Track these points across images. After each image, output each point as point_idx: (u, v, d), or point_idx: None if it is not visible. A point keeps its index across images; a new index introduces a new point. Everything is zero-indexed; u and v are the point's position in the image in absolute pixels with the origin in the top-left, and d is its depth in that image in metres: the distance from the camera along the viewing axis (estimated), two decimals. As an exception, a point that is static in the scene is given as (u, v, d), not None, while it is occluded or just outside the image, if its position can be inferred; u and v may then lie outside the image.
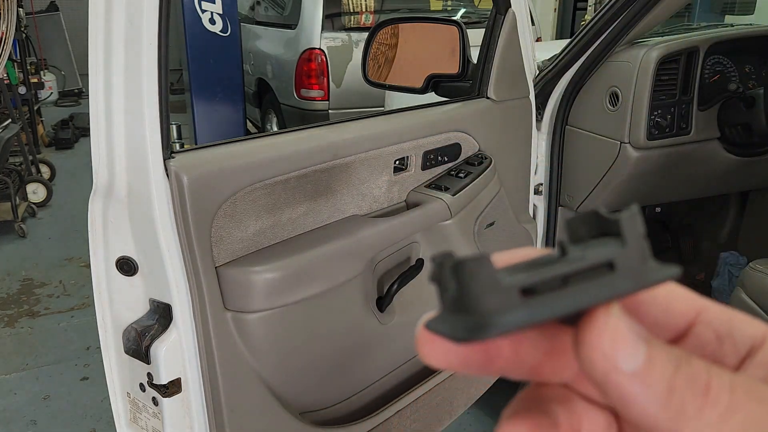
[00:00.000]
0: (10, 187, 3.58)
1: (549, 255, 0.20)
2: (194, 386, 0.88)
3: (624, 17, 1.38)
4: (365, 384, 1.10)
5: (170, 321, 0.85)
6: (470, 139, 1.25)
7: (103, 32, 0.77)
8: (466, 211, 1.20)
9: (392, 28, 1.44)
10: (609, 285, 0.19)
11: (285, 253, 0.93)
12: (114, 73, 0.78)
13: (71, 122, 5.82)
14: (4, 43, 3.56)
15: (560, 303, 0.18)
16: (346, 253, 1.00)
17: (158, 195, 0.80)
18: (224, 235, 0.88)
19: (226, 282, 0.88)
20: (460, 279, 0.18)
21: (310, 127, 1.02)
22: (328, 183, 1.01)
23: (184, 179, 0.81)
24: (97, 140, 0.80)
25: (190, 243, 0.83)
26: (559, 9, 7.46)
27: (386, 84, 1.46)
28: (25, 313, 2.79)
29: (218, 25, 4.09)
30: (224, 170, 0.86)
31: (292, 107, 4.22)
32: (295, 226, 0.98)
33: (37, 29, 7.04)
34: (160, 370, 0.85)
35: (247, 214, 0.90)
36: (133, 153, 0.79)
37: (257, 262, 0.90)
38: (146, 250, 0.83)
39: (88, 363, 2.39)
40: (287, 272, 0.91)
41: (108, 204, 0.82)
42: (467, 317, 0.18)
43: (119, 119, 0.79)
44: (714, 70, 1.63)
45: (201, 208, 0.83)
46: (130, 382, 0.91)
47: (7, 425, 2.05)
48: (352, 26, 4.12)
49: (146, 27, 0.76)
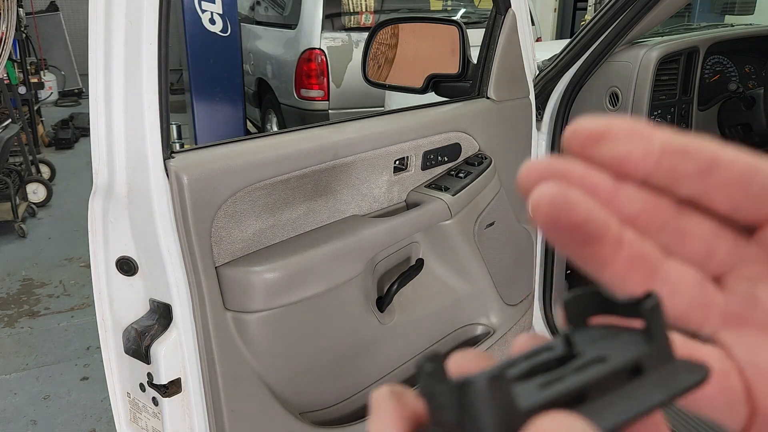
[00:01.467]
0: (10, 187, 3.58)
1: (553, 350, 0.17)
2: (194, 386, 0.88)
3: (624, 17, 1.38)
4: (365, 384, 1.10)
5: (170, 321, 0.85)
6: (470, 139, 1.25)
7: (103, 32, 0.77)
8: (466, 211, 1.20)
9: (392, 28, 1.44)
10: (639, 396, 0.16)
11: (285, 253, 0.93)
12: (114, 74, 0.78)
13: (71, 122, 5.82)
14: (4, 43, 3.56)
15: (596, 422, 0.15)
16: (346, 253, 1.00)
17: (158, 195, 0.80)
18: (224, 235, 0.88)
19: (226, 282, 0.88)
20: (464, 403, 0.15)
21: (310, 127, 1.02)
22: (328, 183, 1.01)
23: (184, 179, 0.81)
24: (97, 140, 0.80)
25: (190, 243, 0.83)
26: (559, 9, 7.46)
27: (386, 84, 1.46)
28: (25, 313, 2.79)
29: (218, 25, 4.09)
30: (224, 170, 0.86)
31: (292, 107, 4.22)
32: (295, 226, 0.98)
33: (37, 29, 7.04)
34: (160, 370, 0.85)
35: (247, 214, 0.90)
36: (133, 153, 0.79)
37: (257, 262, 0.90)
38: (146, 250, 0.83)
39: (88, 363, 2.39)
40: (287, 272, 0.91)
41: (108, 204, 0.82)
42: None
43: (119, 119, 0.79)
44: (714, 70, 1.63)
45: (201, 208, 0.83)
46: (130, 382, 0.91)
47: (7, 425, 2.05)
48: (352, 26, 4.12)
49: (146, 27, 0.76)
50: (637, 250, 0.20)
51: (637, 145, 0.20)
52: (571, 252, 0.19)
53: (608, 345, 0.17)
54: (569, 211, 0.18)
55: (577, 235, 0.19)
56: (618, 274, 0.19)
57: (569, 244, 0.19)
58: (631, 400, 0.16)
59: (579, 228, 0.18)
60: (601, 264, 0.19)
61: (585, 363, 0.17)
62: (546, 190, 0.18)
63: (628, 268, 0.19)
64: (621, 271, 0.19)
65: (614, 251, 0.19)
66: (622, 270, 0.19)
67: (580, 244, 0.19)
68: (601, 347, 0.17)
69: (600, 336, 0.18)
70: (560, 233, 0.19)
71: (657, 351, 0.17)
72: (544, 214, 0.18)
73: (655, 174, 0.20)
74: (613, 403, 0.16)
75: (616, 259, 0.19)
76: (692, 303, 0.20)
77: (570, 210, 0.18)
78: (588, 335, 0.18)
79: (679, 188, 0.20)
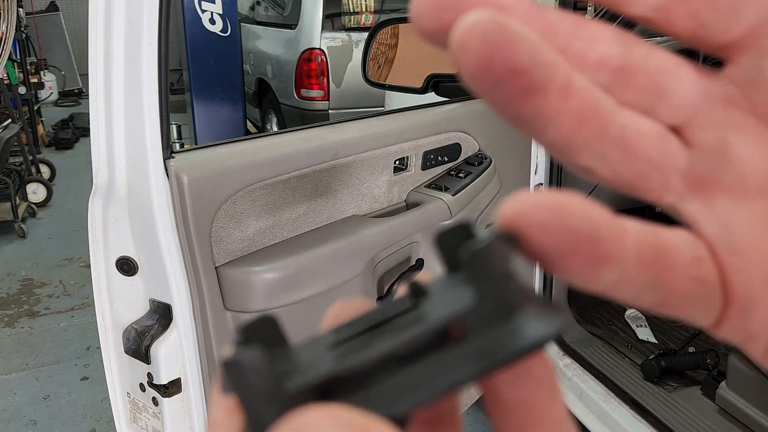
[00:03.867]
0: (10, 187, 3.58)
1: (401, 303, 0.14)
2: (194, 386, 0.88)
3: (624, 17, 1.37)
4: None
5: (170, 321, 0.85)
6: (470, 139, 1.25)
7: (103, 32, 0.77)
8: (466, 211, 1.20)
9: (392, 28, 1.44)
10: (437, 371, 0.13)
11: (285, 253, 0.93)
12: (114, 73, 0.78)
13: (71, 122, 5.82)
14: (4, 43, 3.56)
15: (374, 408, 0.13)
16: (346, 253, 0.99)
17: (158, 195, 0.80)
18: (224, 235, 0.88)
19: (226, 282, 0.88)
20: (238, 386, 0.13)
21: (310, 127, 1.02)
22: (328, 183, 1.01)
23: (184, 179, 0.81)
24: (97, 140, 0.80)
25: (190, 243, 0.83)
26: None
27: (386, 84, 1.46)
28: (25, 313, 2.79)
29: (218, 25, 4.09)
30: (224, 170, 0.86)
31: (292, 107, 4.22)
32: (296, 226, 0.98)
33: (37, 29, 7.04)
34: (160, 370, 0.85)
35: (247, 214, 0.90)
36: (133, 153, 0.79)
37: (257, 262, 0.90)
38: (146, 250, 0.83)
39: (88, 363, 2.39)
40: (287, 272, 0.91)
41: (108, 204, 0.82)
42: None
43: (119, 119, 0.79)
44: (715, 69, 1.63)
45: (201, 208, 0.83)
46: (130, 382, 0.91)
47: (7, 425, 2.05)
48: (352, 26, 4.12)
49: (146, 27, 0.76)
50: (589, 99, 0.15)
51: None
52: (504, 107, 0.15)
53: (450, 298, 0.14)
54: (509, 50, 0.14)
55: (517, 84, 0.14)
56: (564, 133, 0.15)
57: (503, 97, 0.14)
58: (431, 375, 0.13)
59: (521, 73, 0.14)
60: (543, 122, 0.15)
61: (403, 324, 0.14)
62: (476, 19, 0.14)
63: (577, 125, 0.15)
64: (568, 129, 0.15)
65: (562, 102, 0.15)
66: (569, 127, 0.15)
67: (519, 96, 0.14)
68: (444, 301, 0.14)
69: (464, 282, 0.14)
70: (494, 81, 0.14)
71: (483, 309, 0.13)
72: (473, 55, 0.14)
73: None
74: (405, 381, 0.13)
75: (563, 113, 0.15)
76: (651, 164, 0.16)
77: (510, 48, 0.14)
78: (454, 281, 0.14)
79: (628, 2, 0.16)
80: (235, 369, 0.13)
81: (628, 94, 0.16)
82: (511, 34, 0.14)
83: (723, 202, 0.16)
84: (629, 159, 0.16)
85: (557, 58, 0.15)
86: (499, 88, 0.14)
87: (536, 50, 0.14)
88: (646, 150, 0.16)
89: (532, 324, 0.13)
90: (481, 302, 0.13)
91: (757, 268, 0.15)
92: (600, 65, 0.16)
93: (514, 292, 0.14)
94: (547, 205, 0.14)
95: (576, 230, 0.14)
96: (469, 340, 0.13)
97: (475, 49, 0.14)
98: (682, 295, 0.15)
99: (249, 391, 0.13)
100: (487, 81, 0.14)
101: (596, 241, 0.14)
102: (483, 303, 0.13)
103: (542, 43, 0.14)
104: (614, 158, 0.16)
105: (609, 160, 0.16)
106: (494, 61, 0.14)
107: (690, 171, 0.16)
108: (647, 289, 0.15)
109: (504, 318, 0.13)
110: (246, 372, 0.13)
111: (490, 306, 0.13)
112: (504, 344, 0.13)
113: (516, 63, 0.14)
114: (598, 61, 0.16)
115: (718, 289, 0.15)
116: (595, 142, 0.16)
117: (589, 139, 0.15)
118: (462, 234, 0.15)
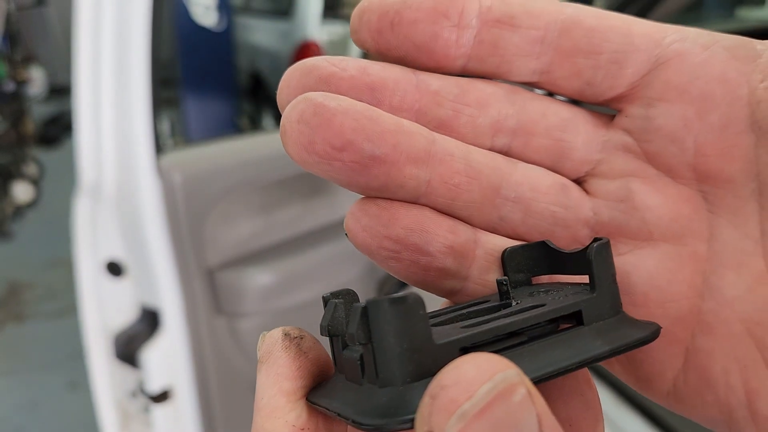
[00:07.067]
0: (-4, 185, 3.52)
1: (487, 303, 0.15)
2: (186, 393, 0.85)
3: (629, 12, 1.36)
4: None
5: (161, 326, 0.82)
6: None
7: (92, 24, 0.74)
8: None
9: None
10: (577, 345, 0.14)
11: (281, 255, 0.92)
12: (102, 67, 0.75)
13: (60, 119, 5.76)
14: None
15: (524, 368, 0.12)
16: (343, 256, 0.98)
17: (148, 194, 0.77)
18: (217, 236, 0.85)
19: (219, 285, 0.86)
20: (375, 332, 0.12)
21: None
22: (324, 182, 0.99)
23: (176, 178, 0.78)
24: (84, 137, 0.77)
25: (181, 245, 0.80)
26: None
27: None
28: (11, 317, 2.74)
29: (211, 18, 4.06)
30: (217, 169, 0.83)
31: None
32: (291, 227, 0.96)
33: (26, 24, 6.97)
34: (151, 376, 0.82)
35: (241, 215, 0.88)
36: (122, 150, 0.77)
37: (252, 265, 0.88)
38: (135, 252, 0.81)
39: (77, 368, 2.35)
40: (283, 275, 0.90)
41: (95, 204, 0.79)
42: (381, 391, 0.12)
43: (107, 114, 0.76)
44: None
45: (193, 208, 0.81)
46: (119, 390, 0.88)
47: (-7, 431, 2.01)
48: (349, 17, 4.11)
49: (136, 19, 0.73)
50: (465, 163, 0.15)
51: (445, 21, 0.15)
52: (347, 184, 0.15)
53: (548, 297, 0.15)
54: (329, 130, 0.13)
55: (347, 158, 0.14)
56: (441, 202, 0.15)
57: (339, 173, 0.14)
58: (568, 348, 0.13)
59: (346, 149, 0.14)
60: (398, 191, 0.15)
61: (520, 309, 0.14)
62: (294, 103, 0.14)
63: (454, 190, 0.15)
64: (444, 195, 0.15)
65: (421, 169, 0.15)
66: (444, 194, 0.15)
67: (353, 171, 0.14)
68: (540, 299, 0.15)
69: (541, 291, 0.16)
70: (321, 161, 0.14)
71: (601, 300, 0.14)
72: (293, 140, 0.14)
73: (476, 55, 0.15)
74: (546, 350, 0.13)
75: (431, 179, 0.15)
76: (555, 221, 0.16)
77: (330, 127, 0.13)
78: (528, 291, 0.16)
79: (508, 70, 0.16)
80: (396, 306, 0.12)
81: (530, 155, 0.16)
82: (330, 113, 0.13)
83: (628, 247, 0.16)
84: (531, 219, 0.16)
85: (409, 126, 0.14)
86: (331, 166, 0.14)
87: (364, 123, 0.14)
88: (548, 209, 0.16)
89: (633, 324, 0.15)
90: (599, 296, 0.14)
91: (667, 315, 0.15)
92: (496, 130, 0.16)
93: (618, 291, 0.15)
94: None
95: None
96: (593, 327, 0.14)
97: (294, 135, 0.14)
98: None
99: (408, 329, 0.12)
100: (314, 162, 0.14)
101: None
102: (600, 297, 0.15)
103: (376, 114, 0.14)
104: (516, 219, 0.16)
105: (510, 222, 0.16)
106: (314, 143, 0.14)
107: (596, 220, 0.16)
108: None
109: (614, 313, 0.15)
110: (409, 312, 0.12)
111: (606, 300, 0.15)
112: (623, 334, 0.14)
113: (338, 141, 0.13)
114: (492, 126, 0.16)
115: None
116: (486, 206, 0.16)
117: (476, 204, 0.16)
118: (534, 253, 0.16)
